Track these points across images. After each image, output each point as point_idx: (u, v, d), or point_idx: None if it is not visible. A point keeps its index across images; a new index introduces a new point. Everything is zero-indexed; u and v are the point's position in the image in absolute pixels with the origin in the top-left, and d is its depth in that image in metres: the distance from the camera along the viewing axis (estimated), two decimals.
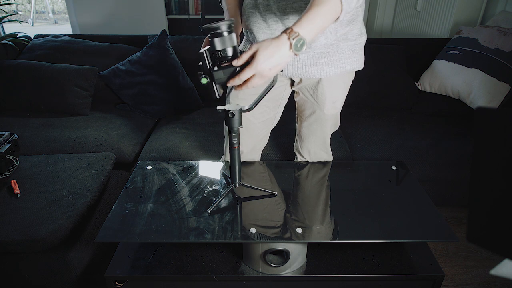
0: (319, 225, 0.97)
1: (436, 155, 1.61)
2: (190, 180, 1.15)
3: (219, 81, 0.88)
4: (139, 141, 1.78)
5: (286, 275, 0.99)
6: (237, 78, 0.84)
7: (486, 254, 1.60)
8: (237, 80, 0.85)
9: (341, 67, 1.12)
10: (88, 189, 1.27)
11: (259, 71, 0.82)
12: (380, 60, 2.05)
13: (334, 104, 1.22)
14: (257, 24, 1.07)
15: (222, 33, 0.84)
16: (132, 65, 1.98)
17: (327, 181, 1.19)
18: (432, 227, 0.97)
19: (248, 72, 0.83)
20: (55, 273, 1.14)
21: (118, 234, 0.93)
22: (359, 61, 1.15)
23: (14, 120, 1.82)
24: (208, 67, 0.87)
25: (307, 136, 1.32)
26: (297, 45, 0.81)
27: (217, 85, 0.90)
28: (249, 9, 1.07)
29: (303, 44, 0.81)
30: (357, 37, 1.10)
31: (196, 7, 3.41)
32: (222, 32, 0.84)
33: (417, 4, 2.72)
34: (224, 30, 0.84)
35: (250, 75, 0.83)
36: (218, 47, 0.85)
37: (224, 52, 0.85)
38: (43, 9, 6.85)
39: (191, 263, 1.01)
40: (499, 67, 1.79)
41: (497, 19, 2.08)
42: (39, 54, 2.05)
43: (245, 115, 1.21)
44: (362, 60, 1.16)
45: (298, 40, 0.81)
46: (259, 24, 1.07)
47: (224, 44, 0.85)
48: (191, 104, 2.04)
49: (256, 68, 0.82)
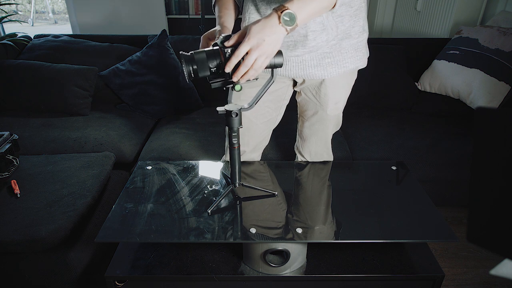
0: (319, 225, 0.97)
1: (436, 155, 1.61)
2: (190, 180, 1.15)
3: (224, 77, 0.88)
4: (139, 141, 1.78)
5: (286, 275, 0.99)
6: (234, 57, 0.82)
7: (486, 254, 1.60)
8: (233, 59, 0.82)
9: (344, 67, 1.11)
10: (88, 189, 1.27)
11: (254, 44, 0.81)
12: (380, 60, 2.05)
13: (336, 104, 1.22)
14: None
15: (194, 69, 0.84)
16: (132, 65, 1.98)
17: (327, 181, 1.19)
18: (432, 227, 0.97)
19: (243, 47, 0.81)
20: (55, 273, 1.14)
21: (118, 234, 0.93)
22: (363, 59, 1.15)
23: (14, 120, 1.82)
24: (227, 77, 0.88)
25: (309, 137, 1.32)
26: (286, 20, 0.81)
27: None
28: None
29: (293, 19, 0.81)
30: (360, 34, 1.09)
31: (196, 7, 3.41)
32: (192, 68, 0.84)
33: (417, 4, 2.72)
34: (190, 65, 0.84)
35: (245, 50, 0.82)
36: (208, 72, 0.86)
37: (213, 65, 0.86)
38: (43, 9, 6.86)
39: (191, 263, 1.01)
40: (499, 67, 1.79)
41: (497, 19, 2.08)
42: (39, 54, 2.05)
43: (247, 116, 1.21)
44: (365, 58, 1.16)
45: (287, 14, 0.81)
46: None
47: (205, 67, 0.85)
48: (191, 104, 2.04)
49: (250, 40, 0.81)
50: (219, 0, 1.11)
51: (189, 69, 0.85)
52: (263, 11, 1.03)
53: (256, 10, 1.04)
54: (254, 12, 1.04)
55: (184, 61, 0.84)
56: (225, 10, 1.08)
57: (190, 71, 0.85)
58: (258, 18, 1.03)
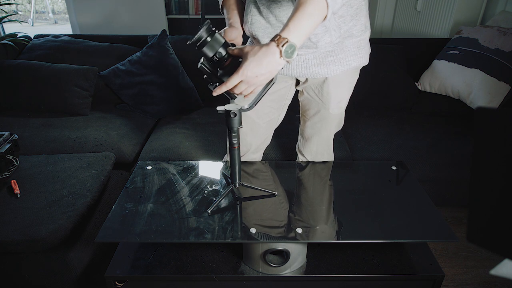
0: (319, 225, 0.97)
1: (436, 155, 1.61)
2: (190, 180, 1.15)
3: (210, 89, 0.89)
4: (139, 141, 1.78)
5: (286, 275, 0.99)
6: (224, 85, 0.84)
7: (486, 254, 1.60)
8: (223, 87, 0.84)
9: (347, 65, 1.12)
10: (88, 189, 1.27)
11: (246, 79, 0.82)
12: (380, 60, 2.05)
13: (339, 103, 1.22)
14: (262, 30, 1.06)
15: (205, 40, 0.85)
16: (132, 65, 1.98)
17: (327, 181, 1.19)
18: (432, 227, 0.97)
19: (235, 79, 0.82)
20: (55, 273, 1.14)
21: (118, 234, 0.93)
22: (365, 57, 1.15)
23: (14, 120, 1.82)
24: (216, 75, 0.88)
25: (311, 136, 1.32)
26: (288, 52, 0.80)
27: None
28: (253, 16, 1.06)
29: (294, 51, 0.80)
30: (362, 32, 1.09)
31: (196, 7, 3.41)
32: (205, 38, 0.84)
33: (417, 4, 2.72)
34: (206, 36, 0.84)
35: (236, 82, 0.83)
36: (210, 54, 0.86)
37: (219, 54, 0.86)
38: (43, 9, 6.85)
39: (191, 263, 1.01)
40: (499, 67, 1.79)
41: (497, 19, 2.08)
42: (39, 54, 2.05)
43: (250, 116, 1.21)
44: (367, 55, 1.16)
45: (288, 46, 0.80)
46: (264, 30, 1.05)
47: (213, 48, 0.86)
48: (191, 104, 2.04)
49: (243, 75, 0.82)
50: (226, 2, 1.11)
51: (202, 36, 0.84)
52: (265, 14, 1.03)
53: (259, 13, 1.04)
54: (256, 14, 1.04)
55: (205, 28, 0.84)
56: (233, 12, 1.11)
57: (201, 37, 0.84)
58: (261, 20, 1.03)
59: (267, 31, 1.05)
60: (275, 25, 1.03)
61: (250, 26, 1.06)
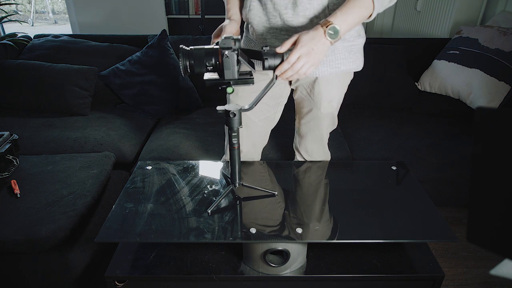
0: (319, 225, 0.97)
1: (436, 155, 1.61)
2: (190, 180, 1.15)
3: (271, 67, 0.91)
4: (139, 141, 1.78)
5: (286, 275, 0.99)
6: (286, 63, 0.89)
7: (486, 254, 1.60)
8: (285, 65, 0.89)
9: (336, 67, 1.13)
10: (88, 189, 1.27)
11: (305, 51, 0.88)
12: (380, 60, 2.05)
13: (330, 103, 1.22)
14: (257, 18, 1.08)
15: (191, 64, 0.88)
16: (132, 65, 1.98)
17: (327, 181, 1.19)
18: (432, 227, 0.97)
19: (295, 54, 0.89)
20: (55, 273, 1.14)
21: (118, 234, 0.93)
22: (356, 62, 1.16)
23: (14, 120, 1.82)
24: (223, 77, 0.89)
25: (305, 134, 1.33)
26: (331, 33, 0.90)
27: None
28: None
29: (336, 33, 0.90)
30: (354, 38, 1.11)
31: (196, 7, 3.40)
32: (190, 63, 0.88)
33: (417, 4, 2.72)
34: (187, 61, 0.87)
35: (297, 56, 0.89)
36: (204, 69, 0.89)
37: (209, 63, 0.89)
38: (43, 9, 6.86)
39: (191, 263, 1.01)
40: (499, 67, 1.79)
41: (497, 19, 2.08)
42: (39, 54, 2.05)
43: (245, 113, 1.21)
44: (359, 61, 1.17)
45: (332, 28, 0.90)
46: (260, 18, 1.08)
47: (202, 64, 0.88)
48: (191, 104, 2.04)
49: (301, 48, 0.88)
50: None
51: (186, 64, 0.87)
52: (264, 1, 1.05)
53: (259, 0, 1.06)
54: (255, 0, 1.07)
55: (182, 55, 0.87)
56: (233, 2, 1.14)
57: (186, 65, 0.87)
58: (259, 7, 1.07)
59: (262, 20, 1.08)
60: (271, 13, 1.05)
61: (248, 12, 1.10)
